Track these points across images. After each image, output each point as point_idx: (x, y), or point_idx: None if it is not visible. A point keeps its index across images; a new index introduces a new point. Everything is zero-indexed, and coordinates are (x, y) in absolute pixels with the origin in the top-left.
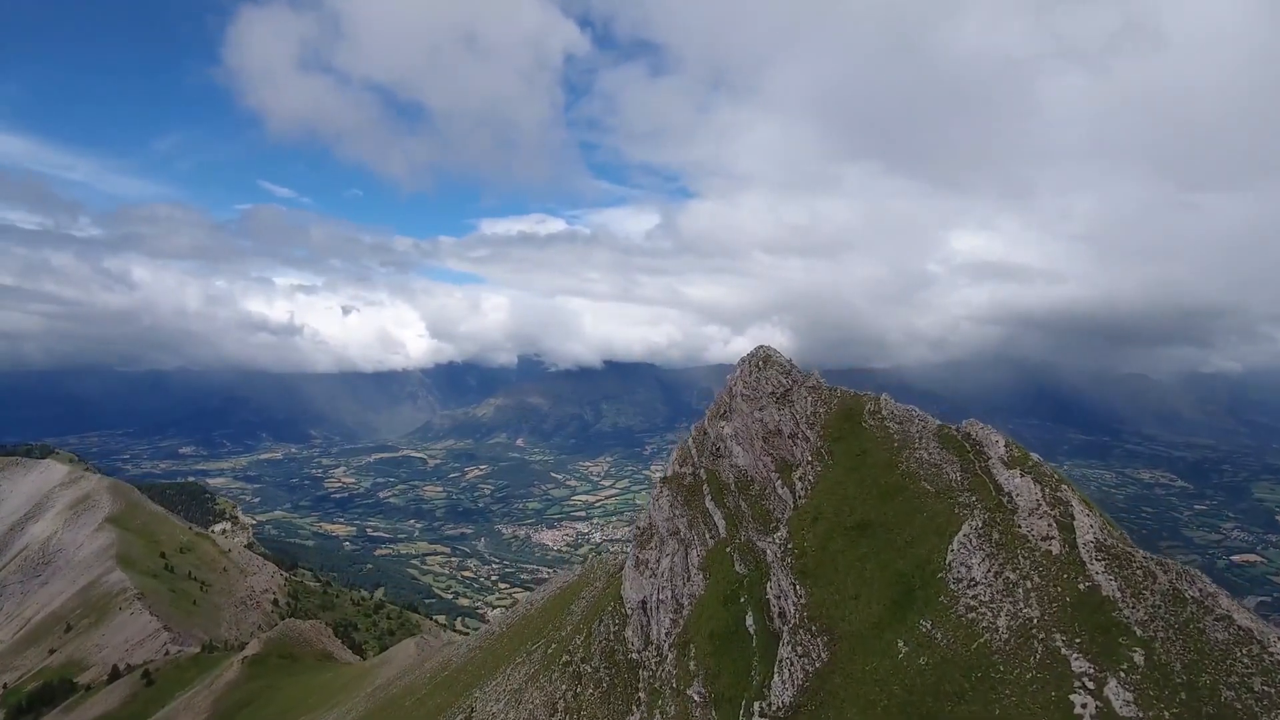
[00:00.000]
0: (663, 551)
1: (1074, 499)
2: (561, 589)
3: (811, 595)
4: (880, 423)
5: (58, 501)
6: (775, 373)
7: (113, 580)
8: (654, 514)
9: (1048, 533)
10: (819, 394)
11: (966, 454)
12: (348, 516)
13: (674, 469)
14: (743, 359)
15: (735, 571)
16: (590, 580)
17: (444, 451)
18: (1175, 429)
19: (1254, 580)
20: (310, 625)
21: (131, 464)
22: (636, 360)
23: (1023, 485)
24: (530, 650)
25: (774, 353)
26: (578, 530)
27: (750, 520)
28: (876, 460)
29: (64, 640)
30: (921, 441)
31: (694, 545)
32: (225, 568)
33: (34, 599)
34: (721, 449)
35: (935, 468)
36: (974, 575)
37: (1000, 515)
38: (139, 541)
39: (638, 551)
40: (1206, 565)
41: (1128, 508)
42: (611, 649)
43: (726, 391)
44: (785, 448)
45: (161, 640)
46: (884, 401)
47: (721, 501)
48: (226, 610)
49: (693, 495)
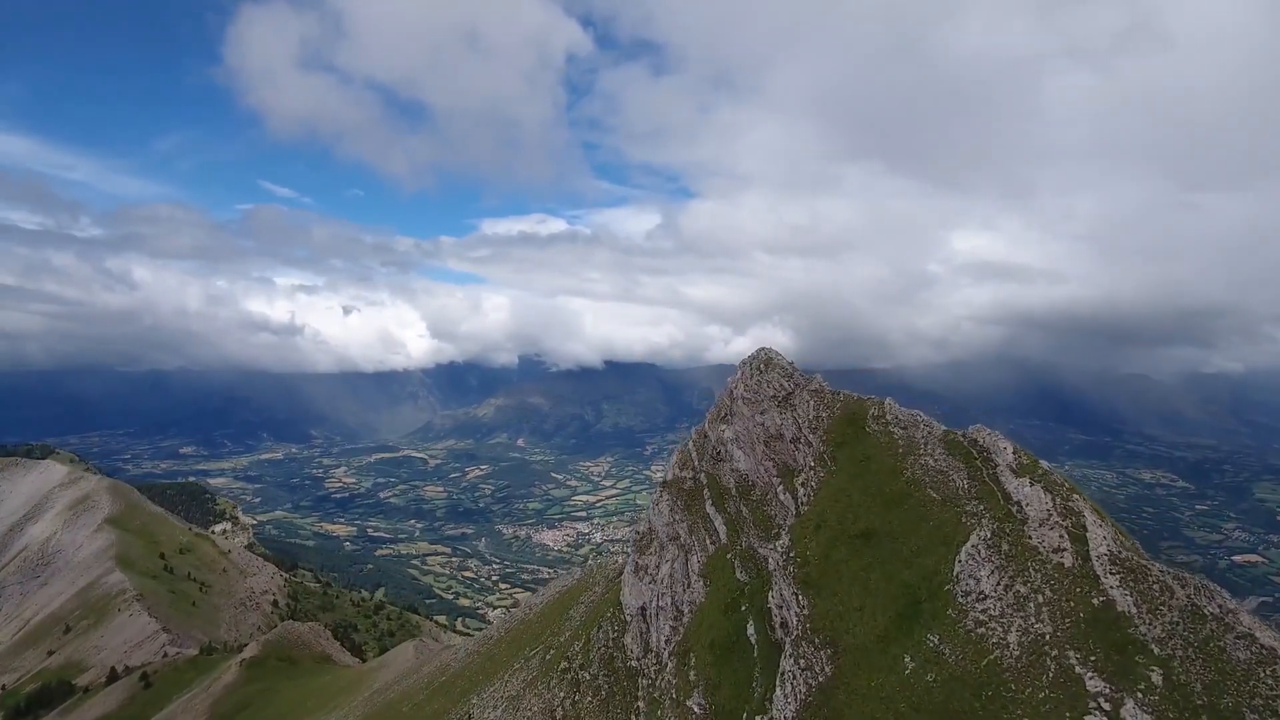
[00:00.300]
0: (662, 557)
1: (1086, 509)
2: (560, 593)
3: (814, 606)
4: (884, 428)
5: (57, 502)
6: (777, 376)
7: (112, 581)
8: (653, 519)
9: (1059, 544)
10: (821, 398)
11: (974, 460)
12: (348, 517)
13: (674, 473)
14: (743, 361)
15: (736, 579)
16: (589, 585)
17: (445, 451)
18: (1176, 429)
19: (1255, 581)
20: (309, 628)
21: (132, 464)
22: (637, 360)
23: (1032, 494)
24: (528, 656)
25: (775, 355)
26: (578, 530)
27: (752, 526)
28: (881, 466)
29: (63, 642)
30: (927, 447)
31: (694, 551)
32: (225, 569)
33: (33, 600)
34: (722, 453)
35: (941, 475)
36: (983, 588)
37: (1010, 525)
38: (138, 542)
39: (637, 557)
40: (1208, 566)
41: (1129, 508)
42: (610, 656)
43: (727, 394)
44: (787, 452)
45: (160, 642)
46: (888, 406)
47: (722, 507)
48: (226, 611)
49: (693, 500)
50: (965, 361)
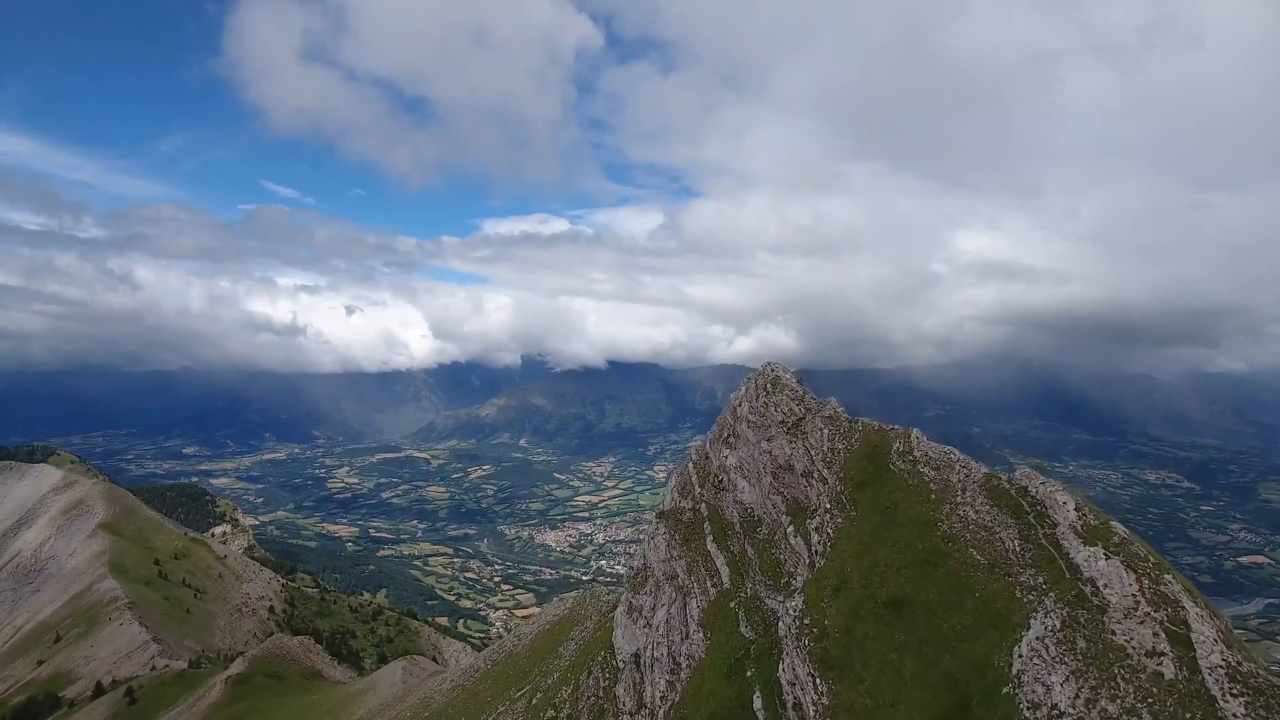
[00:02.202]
0: (659, 598)
1: (1183, 595)
2: (551, 625)
3: (835, 693)
4: (912, 466)
5: (51, 507)
6: (785, 398)
7: (104, 589)
8: (649, 554)
9: (1154, 646)
10: (837, 426)
11: (1024, 515)
12: (351, 517)
13: (673, 500)
14: (748, 379)
15: (741, 634)
16: (580, 618)
17: (447, 452)
18: (1181, 429)
19: (1261, 582)
20: (298, 642)
21: (135, 464)
22: (640, 360)
23: (1110, 571)
24: (514, 698)
25: (784, 374)
26: (581, 531)
27: (758, 571)
28: (911, 516)
29: (53, 651)
30: (966, 494)
31: (693, 594)
32: (221, 574)
33: (25, 607)
34: (725, 481)
35: (986, 531)
36: (1056, 700)
37: (1084, 613)
38: (133, 548)
39: (631, 596)
40: (1214, 567)
41: (1134, 509)
42: (600, 708)
43: (730, 413)
44: (798, 487)
45: (150, 653)
46: (915, 440)
47: (725, 544)
48: (221, 618)
49: (693, 534)
50: (969, 361)
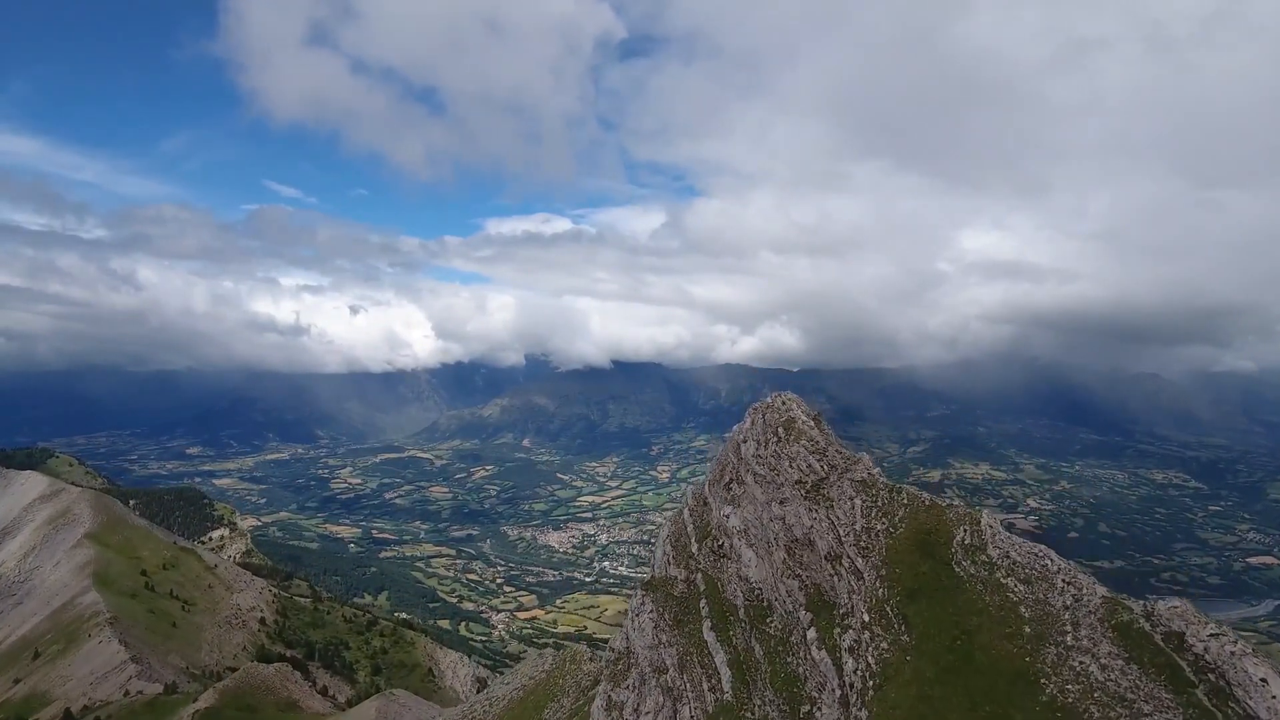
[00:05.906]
0: (642, 698)
1: None
2: (525, 691)
3: None
4: (988, 573)
5: (36, 516)
6: (803, 450)
7: (86, 602)
8: (632, 635)
9: None
10: (873, 495)
11: (1179, 672)
12: (353, 518)
13: (663, 568)
14: (753, 410)
15: None
16: (556, 691)
17: (450, 452)
18: (1189, 429)
19: (1270, 584)
20: (275, 669)
21: (139, 464)
22: (644, 360)
23: None
24: None
25: (800, 414)
26: (584, 532)
27: (769, 686)
28: (996, 658)
29: (30, 669)
30: (1080, 632)
31: (686, 700)
32: (211, 584)
33: (6, 621)
34: (726, 547)
35: (1125, 706)
36: None
37: None
38: (119, 559)
39: (610, 688)
40: (1222, 568)
41: (1141, 509)
42: None
43: (733, 451)
44: (820, 572)
45: (127, 674)
46: (987, 526)
47: (726, 635)
48: (209, 631)
49: (686, 613)
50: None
